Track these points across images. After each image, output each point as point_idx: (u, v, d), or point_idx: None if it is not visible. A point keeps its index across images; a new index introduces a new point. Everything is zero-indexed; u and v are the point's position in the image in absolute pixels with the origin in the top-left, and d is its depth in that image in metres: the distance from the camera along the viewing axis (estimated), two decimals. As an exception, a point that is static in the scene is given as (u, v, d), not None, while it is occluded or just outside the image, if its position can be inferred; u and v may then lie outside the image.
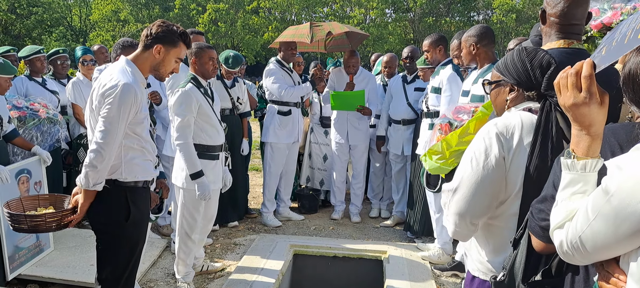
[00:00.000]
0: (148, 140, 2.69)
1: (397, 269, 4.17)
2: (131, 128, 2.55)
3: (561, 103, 1.23)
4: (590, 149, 1.20)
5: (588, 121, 1.19)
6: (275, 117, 5.32)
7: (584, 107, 1.18)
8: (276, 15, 33.66)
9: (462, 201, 1.71)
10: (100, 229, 2.63)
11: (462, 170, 1.72)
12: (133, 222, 2.62)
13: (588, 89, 1.17)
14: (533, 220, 1.39)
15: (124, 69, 2.54)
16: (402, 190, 5.49)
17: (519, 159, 1.63)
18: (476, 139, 1.72)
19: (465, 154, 1.75)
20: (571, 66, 1.22)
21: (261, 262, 4.23)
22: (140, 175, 2.64)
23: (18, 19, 32.10)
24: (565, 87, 1.21)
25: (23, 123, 4.17)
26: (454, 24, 30.70)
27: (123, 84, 2.43)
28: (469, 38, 3.59)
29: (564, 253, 1.19)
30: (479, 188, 1.67)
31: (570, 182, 1.21)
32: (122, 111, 2.43)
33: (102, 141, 2.43)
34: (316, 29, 5.50)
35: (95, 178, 2.46)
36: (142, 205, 2.70)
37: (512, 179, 1.65)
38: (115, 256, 2.63)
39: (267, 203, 5.47)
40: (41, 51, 5.00)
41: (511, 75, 1.75)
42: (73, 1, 38.54)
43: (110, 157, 2.46)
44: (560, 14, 2.09)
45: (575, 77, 1.19)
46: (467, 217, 1.72)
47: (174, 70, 2.71)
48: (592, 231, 1.09)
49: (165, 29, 2.60)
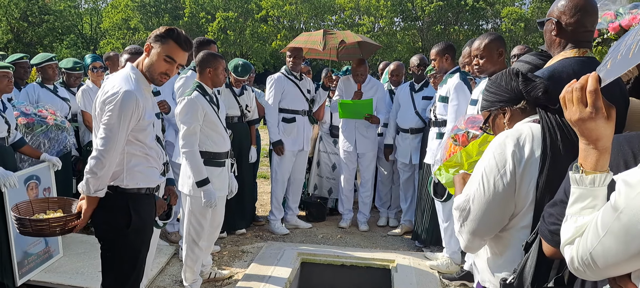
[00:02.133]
0: (152, 146, 2.66)
1: (405, 278, 4.15)
2: (134, 135, 2.53)
3: (567, 118, 1.21)
4: (599, 163, 1.18)
5: (595, 135, 1.17)
6: (279, 125, 5.35)
7: (590, 122, 1.16)
8: (285, 23, 33.85)
9: (475, 222, 1.70)
10: (102, 236, 2.63)
11: (472, 189, 1.71)
12: (134, 229, 2.60)
13: (593, 104, 1.15)
14: (543, 224, 1.38)
15: (127, 76, 2.53)
16: (410, 199, 5.47)
17: (530, 171, 1.62)
18: (486, 155, 1.71)
19: (475, 171, 1.74)
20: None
21: (269, 269, 4.23)
22: (143, 182, 2.62)
23: (30, 27, 32.52)
24: (570, 101, 1.20)
25: (31, 129, 4.19)
26: (463, 33, 30.71)
27: (124, 91, 2.42)
28: (492, 43, 3.47)
29: (575, 269, 1.17)
30: (490, 206, 1.66)
31: (580, 196, 1.20)
32: (123, 118, 2.42)
33: (103, 148, 2.42)
34: (329, 36, 5.52)
35: (96, 185, 2.45)
36: (145, 213, 2.67)
37: (523, 192, 1.64)
38: (118, 263, 2.62)
39: (274, 211, 5.47)
40: (53, 59, 5.05)
41: (495, 101, 1.81)
42: (84, 9, 38.99)
43: (110, 164, 2.45)
44: (577, 23, 2.08)
45: (581, 92, 1.17)
46: (480, 236, 1.72)
47: (168, 72, 2.58)
48: (602, 248, 1.07)
49: (160, 30, 2.57)
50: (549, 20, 2.16)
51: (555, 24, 2.13)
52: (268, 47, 32.01)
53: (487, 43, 3.46)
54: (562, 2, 2.13)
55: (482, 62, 3.48)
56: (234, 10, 32.40)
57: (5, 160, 3.70)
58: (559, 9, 2.13)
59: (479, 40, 3.51)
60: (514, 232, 1.70)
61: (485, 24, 33.15)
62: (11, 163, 3.79)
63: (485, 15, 32.55)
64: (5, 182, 3.51)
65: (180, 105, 3.62)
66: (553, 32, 2.14)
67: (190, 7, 32.74)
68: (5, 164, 3.64)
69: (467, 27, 31.98)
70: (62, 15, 34.43)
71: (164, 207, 3.10)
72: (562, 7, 2.11)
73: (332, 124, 5.95)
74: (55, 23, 33.28)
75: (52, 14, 33.28)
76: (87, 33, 38.06)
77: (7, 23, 30.83)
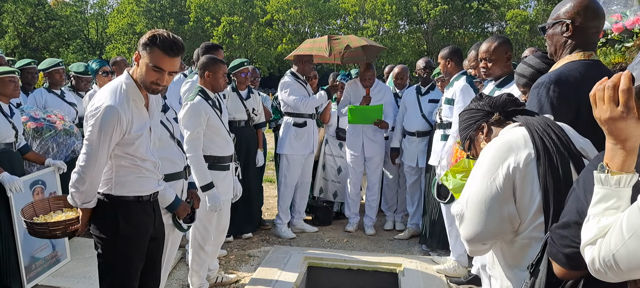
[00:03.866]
0: (146, 158, 2.55)
1: (412, 282, 4.13)
2: (121, 149, 2.45)
3: (596, 116, 1.19)
4: (626, 164, 1.16)
5: (624, 135, 1.14)
6: (290, 129, 5.34)
7: (620, 122, 1.13)
8: (290, 27, 33.91)
9: (469, 226, 1.70)
10: (95, 242, 2.58)
11: (467, 194, 1.71)
12: (124, 237, 2.52)
13: (626, 103, 1.12)
14: (554, 246, 1.35)
15: (116, 88, 2.42)
16: (416, 203, 5.45)
17: (529, 173, 1.60)
18: (479, 160, 1.70)
19: (470, 176, 1.74)
20: (594, 78, 1.19)
21: (275, 273, 4.22)
22: (134, 191, 2.54)
23: (37, 32, 32.74)
24: (601, 99, 1.16)
25: (40, 134, 4.22)
26: (468, 36, 30.67)
27: (105, 107, 2.33)
28: (500, 46, 3.45)
29: (596, 270, 1.14)
30: (484, 211, 1.65)
31: (604, 197, 1.17)
32: (103, 135, 2.33)
33: (83, 164, 2.36)
34: (334, 42, 5.54)
35: (81, 198, 2.41)
36: (135, 220, 2.57)
37: (526, 195, 1.62)
38: (111, 270, 2.56)
39: (281, 215, 5.47)
40: (60, 64, 5.07)
41: (470, 125, 1.88)
42: (90, 14, 39.23)
43: (92, 180, 2.38)
44: (590, 24, 2.09)
45: (613, 91, 1.14)
46: (477, 240, 1.71)
47: (158, 82, 2.41)
48: (627, 250, 1.05)
49: (145, 37, 2.41)
50: (559, 22, 2.15)
51: (570, 25, 2.11)
52: (273, 51, 32.07)
53: (497, 46, 3.44)
54: (571, 3, 2.12)
55: (490, 65, 3.46)
56: (239, 14, 32.49)
57: (13, 165, 3.72)
58: (571, 10, 2.12)
59: (488, 43, 3.50)
60: (526, 239, 1.66)
61: (490, 26, 33.11)
62: (19, 169, 3.81)
63: (490, 18, 32.50)
64: (11, 186, 3.53)
65: (183, 110, 3.63)
66: (565, 34, 2.13)
67: (196, 12, 32.87)
68: (13, 169, 3.66)
69: (472, 30, 31.93)
70: (69, 21, 34.69)
71: (188, 210, 3.09)
72: (574, 8, 2.10)
73: (338, 126, 5.95)
74: (62, 28, 33.51)
75: (58, 19, 33.52)
76: (93, 38, 38.30)
77: (14, 29, 31.05)
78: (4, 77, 3.76)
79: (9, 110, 3.83)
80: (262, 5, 33.17)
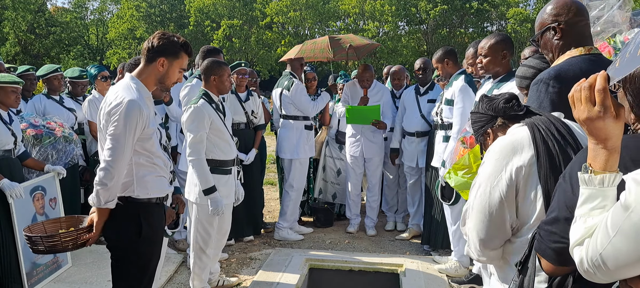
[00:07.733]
0: (159, 155, 2.66)
1: (413, 283, 4.12)
2: (140, 144, 2.54)
3: (575, 116, 1.20)
4: (608, 163, 1.17)
5: (604, 135, 1.16)
6: (302, 133, 5.35)
7: (598, 121, 1.15)
8: (289, 30, 33.92)
9: (474, 230, 1.70)
10: (113, 246, 2.62)
11: (471, 197, 1.71)
12: (146, 239, 2.60)
13: (602, 103, 1.14)
14: (542, 242, 1.35)
15: (128, 86, 2.53)
16: (417, 203, 5.45)
17: (532, 174, 1.60)
18: (484, 162, 1.70)
19: (475, 179, 1.74)
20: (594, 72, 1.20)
21: (277, 276, 4.22)
22: (154, 192, 2.63)
23: (37, 39, 32.80)
24: (578, 100, 1.19)
25: (39, 141, 4.21)
26: (468, 36, 30.66)
27: (128, 101, 2.43)
28: (497, 44, 3.45)
29: (585, 271, 1.14)
30: (487, 215, 1.65)
31: (589, 197, 1.18)
32: (128, 127, 2.42)
33: (110, 159, 2.42)
34: (337, 43, 5.57)
35: (106, 196, 2.45)
36: (155, 223, 2.67)
37: (529, 197, 1.61)
38: (129, 273, 2.62)
39: (288, 217, 5.46)
40: (58, 70, 5.07)
41: (479, 128, 1.92)
42: (90, 20, 39.30)
43: (119, 174, 2.45)
44: (575, 17, 2.11)
45: (589, 91, 1.16)
46: (484, 245, 1.71)
47: (177, 80, 2.72)
48: (613, 248, 1.05)
49: (166, 41, 2.57)
50: (547, 28, 2.16)
51: (556, 27, 2.12)
52: (273, 54, 32.06)
53: (492, 43, 3.45)
54: (550, 7, 2.17)
55: (485, 61, 3.46)
56: (239, 17, 32.52)
57: (12, 171, 3.72)
58: (552, 13, 2.15)
59: (485, 40, 3.51)
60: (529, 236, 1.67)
61: (490, 26, 33.08)
62: (18, 175, 3.81)
63: (490, 18, 32.48)
64: (12, 192, 3.54)
65: (186, 114, 3.63)
66: (555, 38, 2.14)
67: (195, 16, 32.89)
68: (12, 176, 3.66)
69: (472, 29, 31.91)
70: (69, 27, 34.73)
71: (173, 216, 3.10)
72: (555, 10, 2.15)
73: (338, 129, 5.95)
74: (62, 34, 33.55)
75: (58, 25, 33.57)
76: (93, 44, 38.33)
77: (14, 36, 31.10)
78: (7, 87, 3.77)
79: (8, 117, 3.84)
80: (262, 8, 33.20)
